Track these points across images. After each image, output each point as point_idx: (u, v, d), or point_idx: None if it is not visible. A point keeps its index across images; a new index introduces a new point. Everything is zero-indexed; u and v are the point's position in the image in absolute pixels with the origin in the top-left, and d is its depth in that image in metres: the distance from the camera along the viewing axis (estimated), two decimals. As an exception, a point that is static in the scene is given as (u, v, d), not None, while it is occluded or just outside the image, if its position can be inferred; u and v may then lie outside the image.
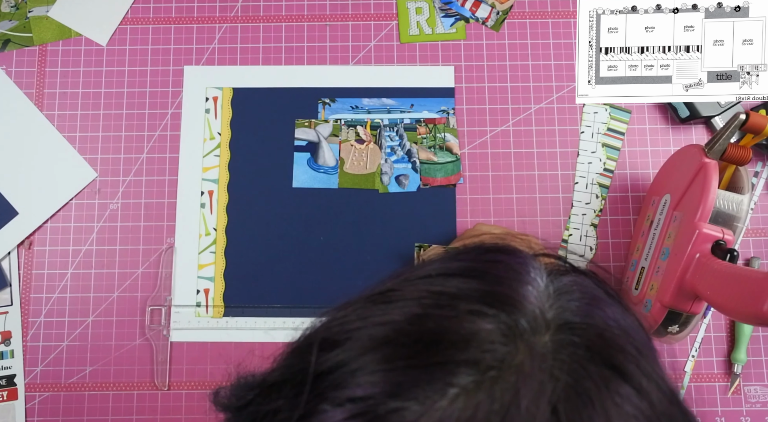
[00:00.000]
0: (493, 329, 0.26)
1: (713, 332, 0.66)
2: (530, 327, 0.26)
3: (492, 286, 0.28)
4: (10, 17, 0.71)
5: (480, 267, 0.30)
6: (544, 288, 0.29)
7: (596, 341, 0.27)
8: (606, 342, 0.27)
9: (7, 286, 0.66)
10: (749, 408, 0.64)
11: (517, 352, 0.25)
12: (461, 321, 0.26)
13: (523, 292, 0.28)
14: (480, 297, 0.27)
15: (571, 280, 0.30)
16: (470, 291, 0.28)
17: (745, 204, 0.55)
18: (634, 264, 0.62)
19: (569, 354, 0.26)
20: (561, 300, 0.28)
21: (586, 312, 0.28)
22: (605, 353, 0.26)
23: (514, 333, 0.26)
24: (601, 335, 0.27)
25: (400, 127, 0.69)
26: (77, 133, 0.69)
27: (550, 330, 0.27)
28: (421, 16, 0.71)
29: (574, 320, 0.27)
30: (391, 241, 0.67)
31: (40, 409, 0.64)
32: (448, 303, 0.28)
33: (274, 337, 0.65)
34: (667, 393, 0.27)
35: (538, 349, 0.26)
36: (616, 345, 0.27)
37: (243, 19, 0.71)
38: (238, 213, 0.68)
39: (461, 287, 0.28)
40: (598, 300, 0.30)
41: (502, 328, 0.26)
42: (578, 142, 0.69)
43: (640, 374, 0.26)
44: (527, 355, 0.25)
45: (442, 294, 0.28)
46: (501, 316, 0.27)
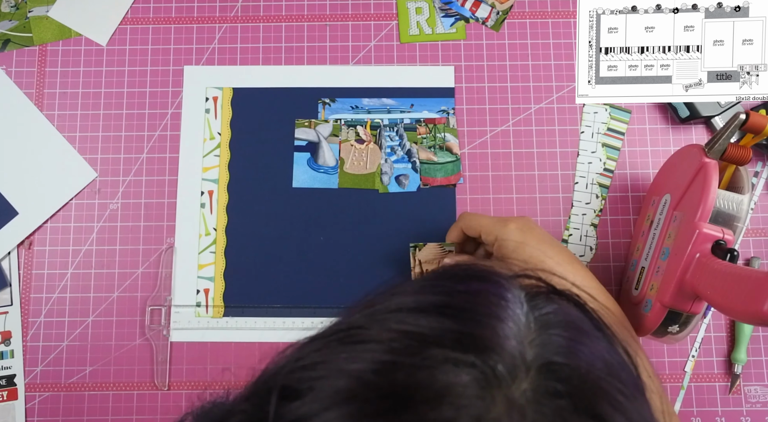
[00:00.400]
0: (468, 381, 0.24)
1: (713, 332, 0.66)
2: (509, 374, 0.25)
3: (467, 327, 0.26)
4: (10, 17, 0.71)
5: (455, 302, 0.28)
6: (524, 321, 0.27)
7: (580, 387, 0.25)
8: (590, 389, 0.25)
9: (7, 286, 0.66)
10: (749, 408, 0.64)
11: (494, 405, 0.24)
12: (434, 373, 0.24)
13: (501, 331, 0.26)
14: (455, 341, 0.25)
15: (553, 309, 0.28)
16: (444, 332, 0.26)
17: (745, 204, 0.55)
18: (634, 264, 0.62)
19: (550, 405, 0.24)
20: (543, 335, 0.27)
21: (570, 349, 0.26)
22: (589, 402, 0.25)
23: (491, 383, 0.24)
24: (585, 380, 0.25)
25: (400, 127, 0.69)
26: (77, 133, 0.69)
27: (531, 373, 0.25)
28: (421, 16, 0.71)
29: (556, 360, 0.26)
30: (391, 241, 0.67)
31: (40, 409, 0.64)
32: (419, 349, 0.25)
33: (274, 337, 0.65)
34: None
35: (517, 400, 0.24)
36: (602, 391, 0.25)
37: (243, 19, 0.71)
38: (238, 213, 0.68)
39: (434, 327, 0.26)
40: (583, 333, 0.28)
41: (479, 379, 0.24)
42: (578, 142, 0.69)
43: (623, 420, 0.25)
44: (505, 408, 0.24)
45: (414, 337, 0.26)
46: (477, 363, 0.25)
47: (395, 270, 0.66)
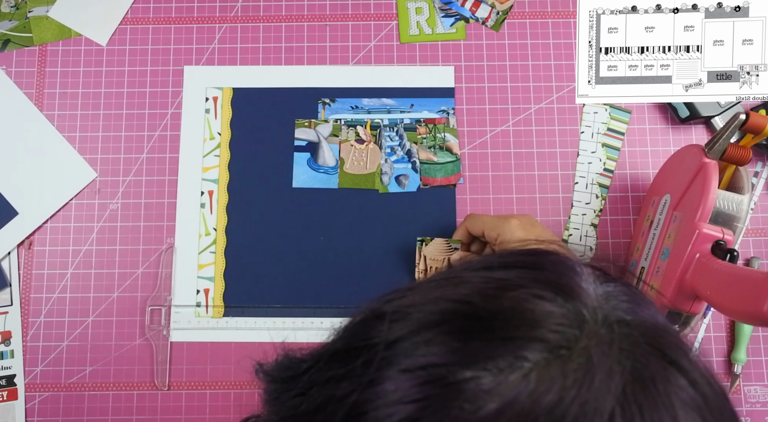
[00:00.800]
0: (561, 313, 0.27)
1: (713, 332, 0.66)
2: (592, 319, 0.27)
3: (553, 277, 0.29)
4: (10, 17, 0.71)
5: (537, 261, 0.31)
6: (593, 290, 0.30)
7: (651, 335, 0.28)
8: (660, 338, 0.28)
9: (7, 286, 0.66)
10: (749, 408, 0.64)
11: (583, 337, 0.26)
12: (531, 303, 0.27)
13: (581, 285, 0.29)
14: (545, 285, 0.28)
15: (614, 286, 0.31)
16: (533, 280, 0.29)
17: (745, 204, 0.55)
18: (634, 264, 0.62)
19: (630, 344, 0.27)
20: (611, 302, 0.29)
21: (636, 311, 0.29)
22: (661, 347, 0.27)
23: (580, 319, 0.27)
24: (655, 331, 0.28)
25: (400, 127, 0.69)
26: (77, 133, 0.69)
27: (608, 324, 0.28)
28: (421, 16, 0.71)
29: (626, 318, 0.28)
30: (391, 241, 0.67)
31: (40, 409, 0.64)
32: (516, 286, 0.28)
33: (274, 337, 0.65)
34: (717, 390, 0.28)
35: (603, 337, 0.27)
36: (669, 341, 0.28)
37: (243, 19, 0.71)
38: (238, 213, 0.68)
39: (523, 277, 0.29)
40: (642, 302, 0.31)
41: (569, 314, 0.27)
42: (578, 142, 0.69)
43: (694, 369, 0.27)
44: (594, 340, 0.26)
45: (507, 281, 0.29)
46: (565, 304, 0.27)
47: (396, 270, 0.66)
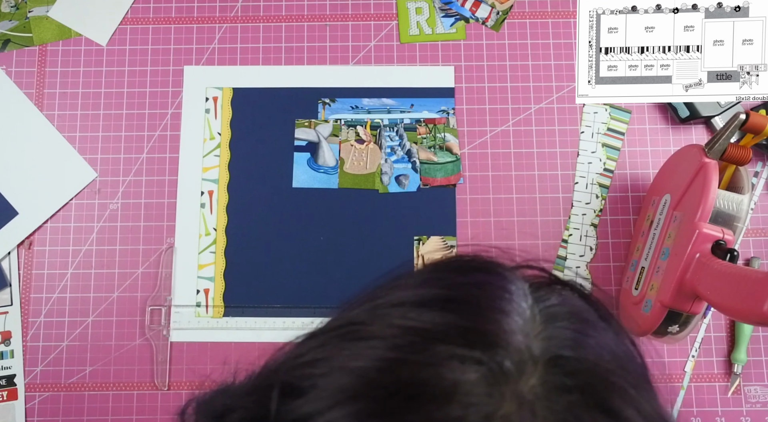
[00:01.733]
0: (476, 378, 0.23)
1: (713, 332, 0.66)
2: (516, 369, 0.24)
3: (472, 321, 0.25)
4: (10, 17, 0.71)
5: (457, 296, 0.27)
6: (529, 314, 0.26)
7: (589, 381, 0.24)
8: (600, 383, 0.25)
9: (7, 286, 0.66)
10: (749, 408, 0.64)
11: (503, 402, 0.23)
12: (440, 371, 0.23)
13: (507, 325, 0.25)
14: (460, 337, 0.25)
15: (558, 300, 0.28)
16: (448, 328, 0.25)
17: (745, 204, 0.55)
18: (634, 264, 0.62)
19: (559, 401, 0.23)
20: (549, 328, 0.26)
21: (577, 341, 0.26)
22: (599, 396, 0.24)
23: (499, 380, 0.23)
24: (594, 373, 0.25)
25: (400, 127, 0.69)
26: (77, 133, 0.69)
27: (539, 367, 0.24)
28: (421, 16, 0.71)
29: (564, 354, 0.25)
30: (391, 241, 0.67)
31: (40, 409, 0.64)
32: (424, 346, 0.24)
33: (274, 337, 0.65)
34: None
35: (527, 396, 0.23)
36: (611, 384, 0.25)
37: (243, 19, 0.71)
38: (238, 213, 0.68)
39: (437, 323, 0.25)
40: (589, 325, 0.27)
41: (486, 375, 0.23)
42: (578, 142, 0.69)
43: (637, 415, 0.24)
44: (515, 405, 0.23)
45: (417, 333, 0.25)
46: (484, 359, 0.24)
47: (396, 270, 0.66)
